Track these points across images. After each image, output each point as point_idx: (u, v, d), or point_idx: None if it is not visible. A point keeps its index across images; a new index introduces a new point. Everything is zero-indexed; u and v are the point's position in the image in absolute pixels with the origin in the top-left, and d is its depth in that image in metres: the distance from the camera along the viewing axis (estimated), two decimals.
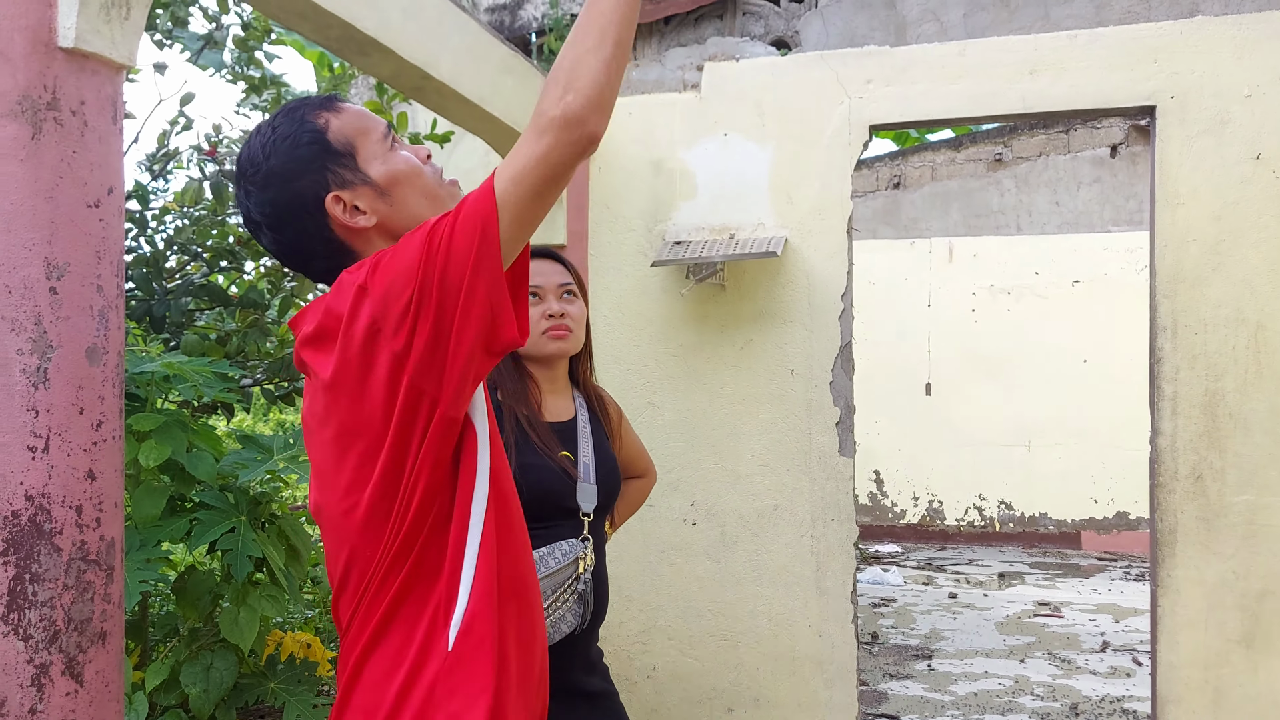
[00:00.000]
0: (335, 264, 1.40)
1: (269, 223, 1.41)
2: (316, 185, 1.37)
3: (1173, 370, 3.52)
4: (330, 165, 1.38)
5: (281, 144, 1.39)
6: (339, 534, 1.37)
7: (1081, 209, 9.10)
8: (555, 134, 1.23)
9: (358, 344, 1.27)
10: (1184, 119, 3.53)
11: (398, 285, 1.24)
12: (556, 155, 1.24)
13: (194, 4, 3.26)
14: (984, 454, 9.13)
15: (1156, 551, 3.56)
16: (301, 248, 1.42)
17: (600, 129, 1.26)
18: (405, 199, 1.41)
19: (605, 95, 1.25)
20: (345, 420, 1.32)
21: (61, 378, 1.67)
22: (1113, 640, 5.96)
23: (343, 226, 1.39)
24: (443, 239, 1.24)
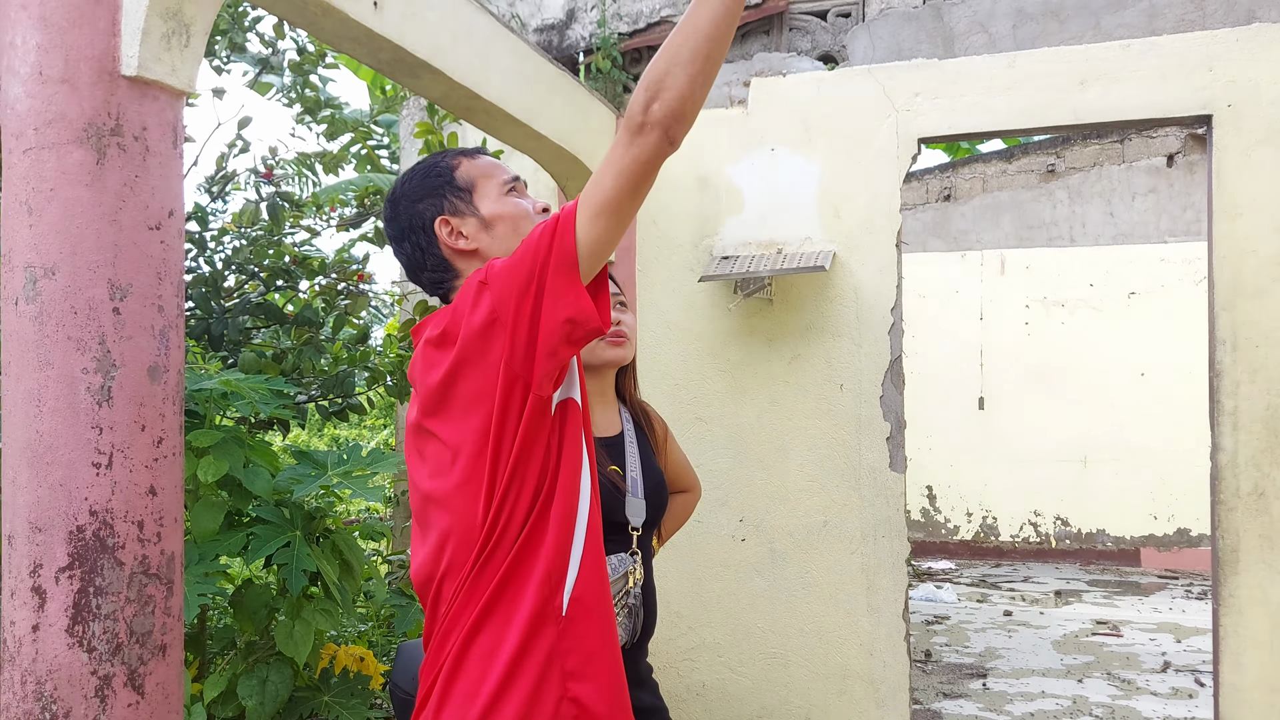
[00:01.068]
0: (439, 278, 1.63)
1: (396, 236, 1.66)
2: (433, 209, 1.62)
3: (1233, 385, 3.44)
4: (449, 195, 1.62)
5: (418, 175, 1.66)
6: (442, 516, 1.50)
7: (1136, 220, 8.93)
8: (647, 138, 1.37)
9: (477, 332, 1.44)
10: (1241, 128, 3.46)
11: (511, 281, 1.42)
12: (638, 159, 1.38)
13: (251, 30, 3.35)
14: (1039, 469, 8.97)
15: (1218, 570, 3.48)
16: (415, 260, 1.64)
17: (679, 137, 1.40)
18: (505, 235, 1.62)
19: (688, 108, 1.39)
20: (462, 404, 1.48)
21: (124, 395, 1.72)
22: (1174, 660, 5.81)
23: (447, 247, 1.61)
24: (545, 241, 1.42)
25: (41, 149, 1.68)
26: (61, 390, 1.67)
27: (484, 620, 1.45)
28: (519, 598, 1.45)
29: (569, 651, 1.46)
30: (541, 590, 1.45)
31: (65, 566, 1.66)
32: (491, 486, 1.45)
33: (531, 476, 1.46)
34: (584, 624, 1.49)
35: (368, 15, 2.49)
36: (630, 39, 4.30)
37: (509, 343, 1.42)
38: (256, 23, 3.36)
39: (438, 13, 2.81)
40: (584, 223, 1.42)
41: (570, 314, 1.42)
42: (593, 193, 1.42)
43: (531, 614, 1.45)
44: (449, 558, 1.49)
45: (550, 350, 1.43)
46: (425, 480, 1.53)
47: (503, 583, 1.46)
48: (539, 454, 1.47)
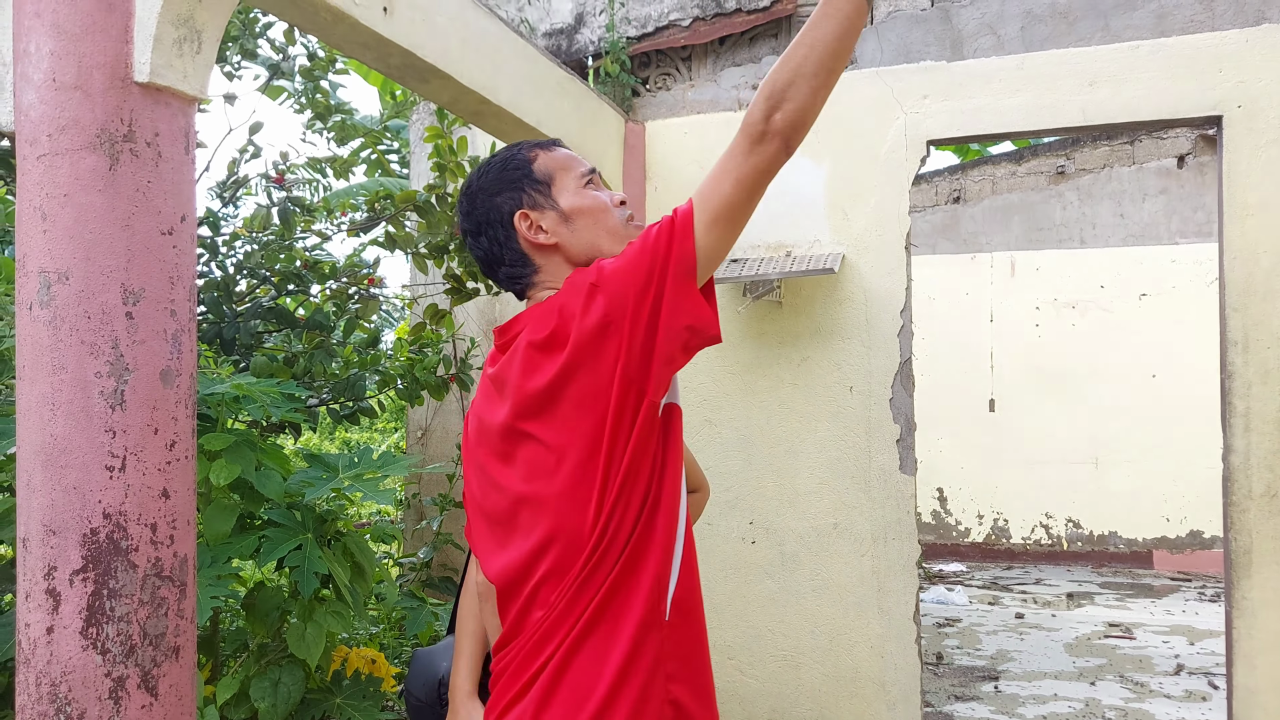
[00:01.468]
0: (517, 273, 1.60)
1: (473, 229, 1.63)
2: (512, 202, 1.59)
3: (1244, 386, 3.43)
4: (527, 188, 1.59)
5: (495, 167, 1.63)
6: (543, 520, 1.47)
7: (1147, 221, 8.90)
8: (770, 145, 1.38)
9: (591, 336, 1.42)
10: (1252, 128, 3.45)
11: (628, 285, 1.40)
12: (770, 162, 1.39)
13: (262, 37, 3.37)
14: (1050, 471, 8.94)
15: (1231, 573, 3.46)
16: (493, 254, 1.61)
17: (797, 146, 1.41)
18: (586, 229, 1.60)
19: (810, 118, 1.40)
20: (571, 408, 1.45)
21: (137, 399, 1.73)
22: (1187, 663, 5.78)
23: (526, 240, 1.58)
24: (662, 245, 1.40)
25: (55, 155, 1.70)
26: (75, 394, 1.68)
27: (594, 625, 1.44)
28: (629, 603, 1.45)
29: (670, 655, 1.47)
30: (650, 596, 1.46)
31: (79, 569, 1.67)
32: (603, 492, 1.44)
33: (641, 483, 1.46)
34: (683, 628, 1.50)
35: (378, 21, 2.51)
36: (639, 43, 4.31)
37: (625, 348, 1.41)
38: (268, 29, 3.38)
39: (447, 17, 2.83)
40: (703, 228, 1.40)
41: (690, 321, 1.41)
42: (711, 198, 1.41)
43: (640, 619, 1.45)
44: (551, 562, 1.47)
45: (668, 358, 1.42)
46: (518, 483, 1.51)
47: (613, 588, 1.45)
48: (648, 460, 1.46)
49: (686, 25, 4.24)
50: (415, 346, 3.45)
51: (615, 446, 1.43)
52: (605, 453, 1.43)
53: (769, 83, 1.39)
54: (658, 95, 4.34)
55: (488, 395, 1.59)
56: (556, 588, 1.46)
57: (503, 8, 4.46)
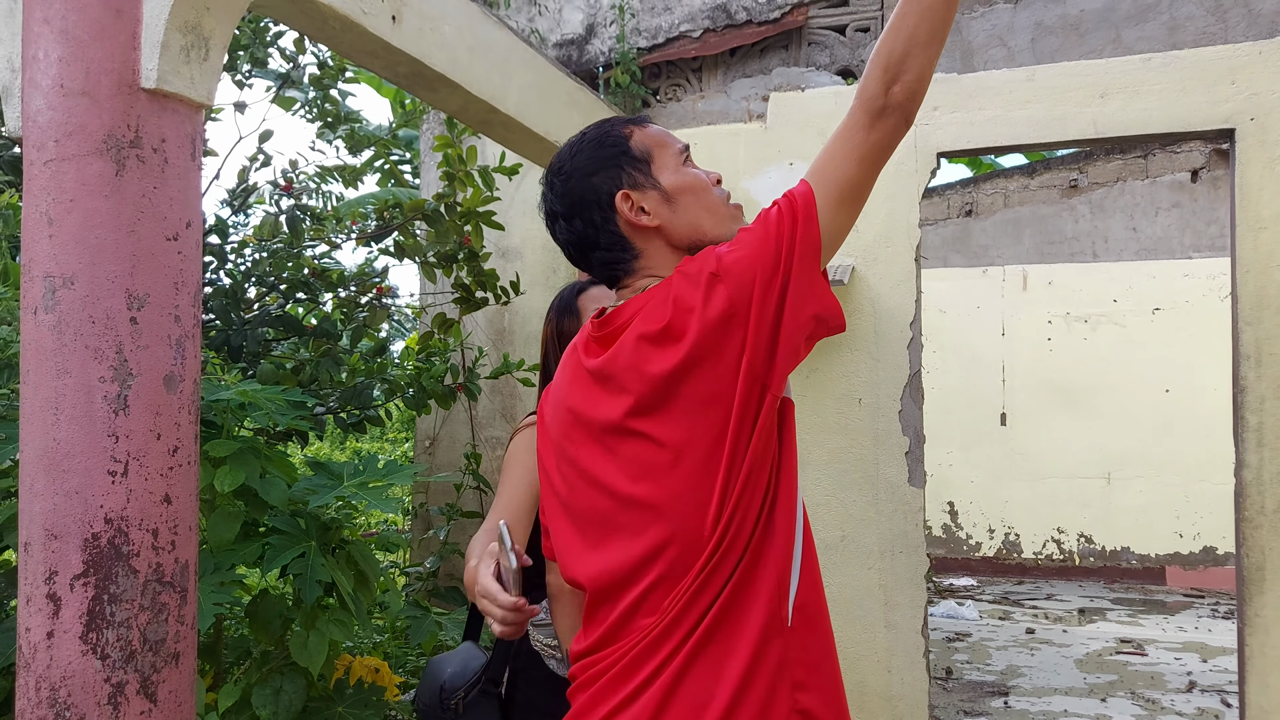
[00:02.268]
0: (613, 257, 1.49)
1: (564, 212, 1.51)
2: (611, 182, 1.47)
3: (1257, 400, 3.40)
4: (626, 167, 1.48)
5: (588, 145, 1.51)
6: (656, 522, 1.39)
7: (1160, 235, 8.86)
8: (891, 118, 1.34)
9: (714, 328, 1.33)
10: (1265, 141, 3.43)
11: (752, 273, 1.33)
12: (893, 136, 1.35)
13: (273, 45, 3.39)
14: (1062, 486, 8.88)
15: (1243, 589, 3.43)
16: (587, 238, 1.50)
17: (915, 115, 1.37)
18: (688, 208, 1.49)
19: (925, 87, 1.36)
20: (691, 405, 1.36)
21: (140, 404, 1.73)
22: (1200, 680, 5.72)
23: (627, 223, 1.48)
24: (786, 229, 1.33)
25: (62, 160, 1.70)
26: (79, 399, 1.68)
27: (712, 632, 1.37)
28: (749, 608, 1.37)
29: (796, 662, 1.39)
30: (771, 601, 1.38)
31: (80, 574, 1.67)
32: (724, 493, 1.35)
33: (762, 482, 1.37)
34: (808, 633, 1.42)
35: (386, 29, 2.52)
36: (649, 54, 4.32)
37: (751, 340, 1.32)
38: (278, 37, 3.40)
39: (455, 27, 2.84)
40: (828, 210, 1.34)
41: (817, 310, 1.34)
42: (834, 178, 1.34)
43: (762, 625, 1.37)
44: (665, 566, 1.38)
45: (793, 349, 1.34)
46: (625, 482, 1.41)
47: (733, 594, 1.37)
48: (769, 458, 1.38)
49: (697, 36, 4.25)
50: (422, 355, 3.45)
51: (738, 445, 1.34)
52: (729, 451, 1.34)
53: (882, 55, 1.34)
54: (668, 106, 4.35)
55: (585, 388, 1.48)
56: (670, 593, 1.38)
57: (513, 18, 4.48)
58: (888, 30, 1.37)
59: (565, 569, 1.50)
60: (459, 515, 3.82)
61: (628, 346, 1.40)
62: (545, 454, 1.55)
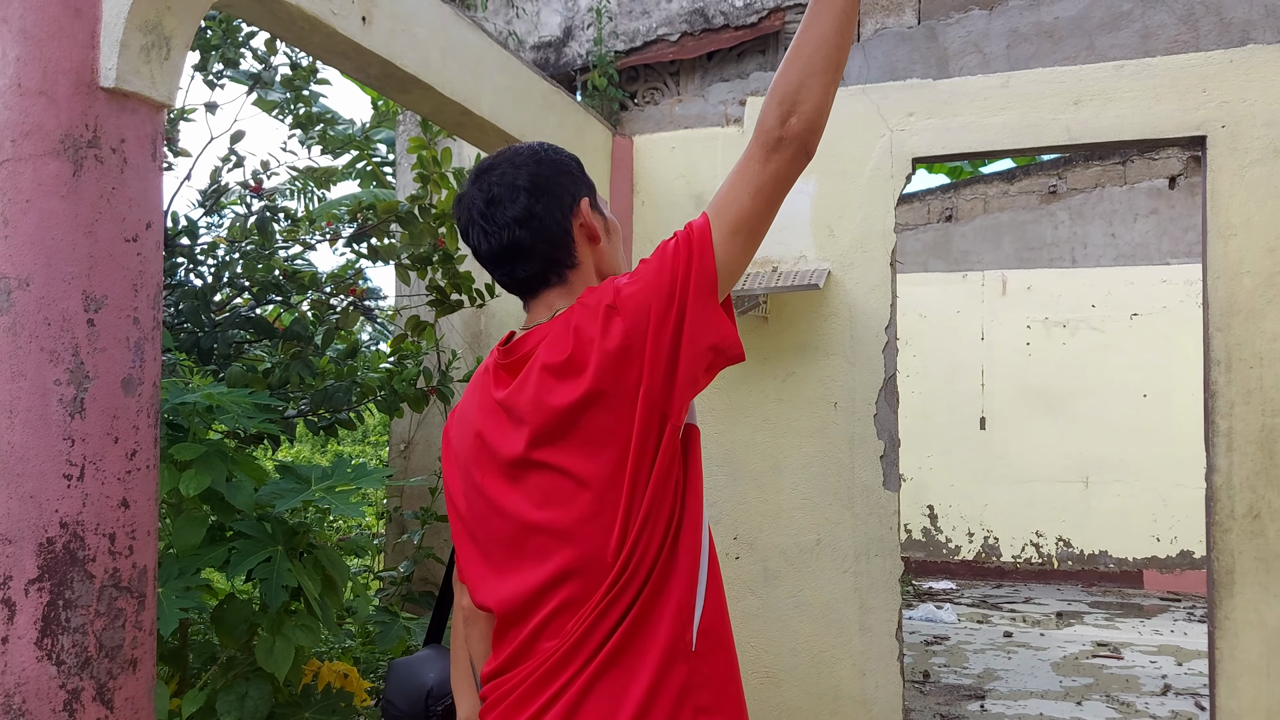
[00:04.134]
0: (555, 256, 1.49)
1: (528, 187, 1.47)
2: (579, 187, 1.52)
3: (1227, 405, 3.42)
4: (585, 184, 1.54)
5: (559, 152, 1.54)
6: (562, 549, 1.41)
7: (1138, 241, 8.91)
8: (786, 151, 1.34)
9: (612, 360, 1.36)
10: (1235, 148, 3.45)
11: (647, 305, 1.35)
12: (788, 170, 1.35)
13: (245, 46, 3.36)
14: (1041, 490, 8.93)
15: (1214, 593, 3.44)
16: (542, 221, 1.47)
17: (815, 147, 1.37)
18: (616, 246, 1.58)
19: (823, 118, 1.37)
20: (592, 436, 1.39)
21: (97, 407, 1.71)
22: (1174, 683, 5.75)
23: (583, 227, 1.50)
24: (681, 262, 1.35)
25: (18, 160, 1.68)
26: (34, 402, 1.66)
27: (617, 654, 1.39)
28: (653, 632, 1.39)
29: (700, 686, 1.41)
30: (674, 626, 1.40)
31: (34, 579, 1.65)
32: (627, 520, 1.38)
33: (665, 509, 1.40)
34: (712, 657, 1.43)
35: (356, 30, 2.50)
36: (627, 57, 4.31)
37: (647, 371, 1.35)
38: (250, 37, 3.38)
39: (427, 28, 2.82)
40: (722, 242, 1.35)
41: (714, 341, 1.35)
42: (729, 210, 1.36)
43: (664, 650, 1.39)
44: (570, 591, 1.40)
45: (692, 379, 1.36)
46: (530, 510, 1.43)
47: (637, 617, 1.39)
48: (672, 485, 1.41)
49: (674, 40, 4.24)
50: (393, 358, 3.43)
51: (639, 474, 1.37)
52: (629, 480, 1.37)
53: (778, 88, 1.36)
54: (645, 110, 4.34)
55: (493, 418, 1.49)
56: (574, 617, 1.40)
57: (490, 20, 4.46)
58: (783, 63, 1.38)
59: (473, 593, 1.53)
60: (433, 519, 3.80)
61: (532, 378, 1.43)
62: (451, 477, 1.57)
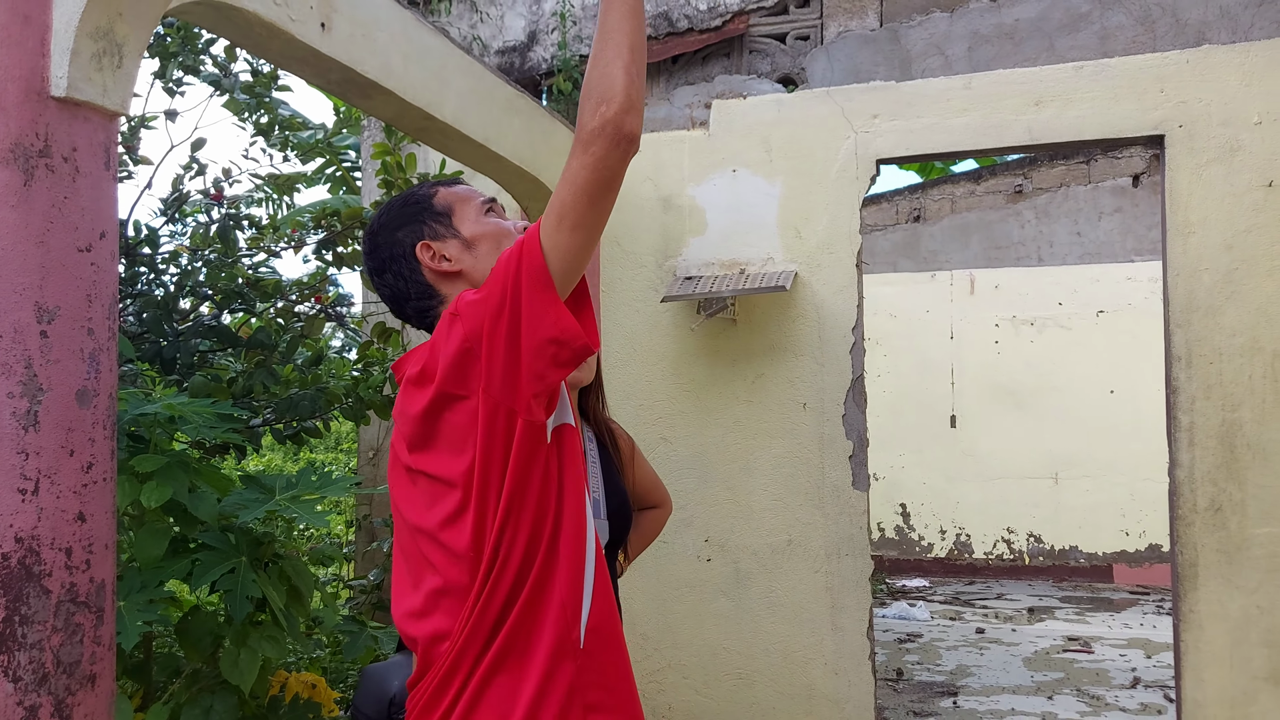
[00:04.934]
0: (425, 305, 1.60)
1: (376, 268, 1.63)
2: (413, 235, 1.59)
3: (1188, 400, 3.46)
4: (428, 221, 1.60)
5: (395, 206, 1.64)
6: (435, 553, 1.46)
7: (1103, 239, 9.01)
8: (599, 143, 1.35)
9: (453, 365, 1.41)
10: (1193, 147, 3.50)
11: (483, 308, 1.40)
12: (603, 161, 1.36)
13: (204, 53, 3.33)
14: (1011, 486, 9.00)
15: (1178, 586, 3.49)
16: (399, 290, 1.61)
17: (637, 127, 1.37)
18: (488, 254, 1.59)
19: (634, 96, 1.37)
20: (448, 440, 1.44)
21: (51, 420, 1.69)
22: (1144, 676, 5.82)
23: (430, 270, 1.58)
24: (513, 262, 1.40)
25: None
26: None
27: (503, 657, 1.41)
28: (536, 634, 1.42)
29: (590, 685, 1.43)
30: (559, 624, 1.42)
31: None
32: (481, 517, 1.41)
33: (530, 507, 1.43)
34: (603, 655, 1.46)
35: (315, 36, 2.48)
36: None
37: (485, 370, 1.39)
38: (210, 45, 3.35)
39: (388, 34, 2.81)
40: (548, 235, 1.39)
41: (553, 334, 1.38)
42: (554, 205, 1.40)
43: (551, 650, 1.41)
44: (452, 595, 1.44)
45: (537, 374, 1.39)
46: (416, 516, 1.49)
47: (519, 617, 1.42)
48: (536, 482, 1.43)
49: None
50: (358, 366, 3.41)
51: (490, 471, 1.40)
52: (479, 475, 1.40)
53: (585, 84, 1.39)
54: None
55: (398, 429, 1.56)
56: (455, 619, 1.43)
57: (455, 25, 4.45)
58: (589, 61, 1.41)
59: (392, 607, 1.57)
60: None
61: (403, 391, 1.52)
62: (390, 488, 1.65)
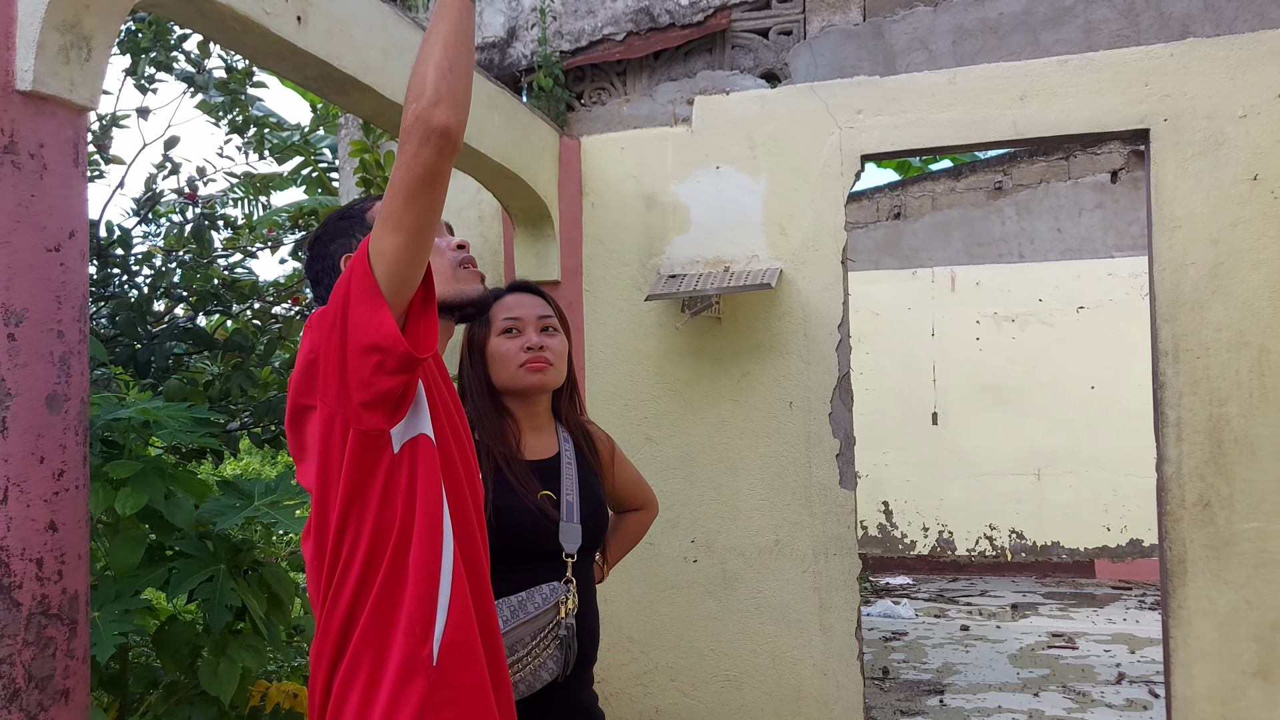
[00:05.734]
0: None
1: (312, 279, 1.65)
2: (343, 248, 1.60)
3: (1175, 395, 3.45)
4: (358, 234, 1.59)
5: (332, 219, 1.66)
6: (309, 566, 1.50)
7: (1084, 235, 9.04)
8: (410, 140, 1.33)
9: (303, 374, 1.44)
10: (1178, 141, 3.49)
11: (325, 318, 1.41)
12: (415, 158, 1.33)
13: (177, 49, 3.26)
14: (994, 483, 9.02)
15: (1167, 582, 3.47)
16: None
17: (448, 121, 1.32)
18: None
19: (442, 90, 1.33)
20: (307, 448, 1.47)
21: (20, 426, 1.63)
22: (1129, 671, 5.83)
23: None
24: (347, 270, 1.40)
25: None
26: None
27: (352, 670, 1.40)
28: (384, 650, 1.40)
29: (445, 703, 1.40)
30: (407, 640, 1.39)
31: None
32: (322, 524, 1.43)
33: (369, 514, 1.41)
34: (460, 673, 1.42)
35: (291, 31, 2.42)
36: (573, 57, 4.26)
37: (322, 378, 1.40)
38: (183, 40, 3.28)
39: (366, 28, 2.75)
40: (374, 240, 1.37)
41: (373, 340, 1.35)
42: (381, 209, 1.39)
43: (399, 666, 1.39)
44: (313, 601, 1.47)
45: (362, 381, 1.36)
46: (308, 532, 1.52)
47: (363, 635, 1.40)
48: (375, 493, 1.41)
49: (620, 40, 4.20)
50: None
51: (329, 480, 1.41)
52: (318, 486, 1.42)
53: (407, 88, 1.38)
54: (593, 110, 4.29)
55: None
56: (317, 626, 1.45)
57: None
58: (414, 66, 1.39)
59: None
60: None
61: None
62: None
